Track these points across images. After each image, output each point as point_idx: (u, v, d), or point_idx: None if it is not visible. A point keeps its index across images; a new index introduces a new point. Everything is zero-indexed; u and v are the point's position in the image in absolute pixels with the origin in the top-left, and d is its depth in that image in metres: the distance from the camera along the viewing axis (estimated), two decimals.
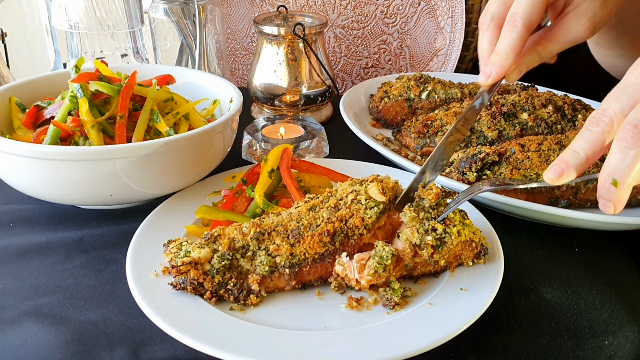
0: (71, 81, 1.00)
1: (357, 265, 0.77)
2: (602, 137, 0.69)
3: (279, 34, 1.36)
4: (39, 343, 0.73)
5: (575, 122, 1.19)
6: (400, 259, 0.79)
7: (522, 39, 0.85)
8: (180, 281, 0.77)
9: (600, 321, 0.81)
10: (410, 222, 0.80)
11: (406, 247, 0.78)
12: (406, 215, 0.80)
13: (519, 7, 0.85)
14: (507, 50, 0.85)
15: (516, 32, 0.85)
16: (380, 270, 0.76)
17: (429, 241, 0.78)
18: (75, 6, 1.29)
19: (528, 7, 0.84)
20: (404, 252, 0.78)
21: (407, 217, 0.80)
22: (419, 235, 0.79)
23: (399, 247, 0.79)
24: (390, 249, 0.77)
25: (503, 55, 0.86)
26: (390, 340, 0.70)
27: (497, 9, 0.88)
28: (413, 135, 1.21)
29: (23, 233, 0.96)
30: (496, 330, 0.78)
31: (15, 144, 0.88)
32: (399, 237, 0.80)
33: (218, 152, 1.04)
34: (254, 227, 0.80)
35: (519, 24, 0.85)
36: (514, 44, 0.85)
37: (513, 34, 0.85)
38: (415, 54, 1.70)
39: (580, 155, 0.70)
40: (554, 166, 0.71)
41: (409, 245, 0.78)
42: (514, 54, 0.86)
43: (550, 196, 1.02)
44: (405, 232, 0.79)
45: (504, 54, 0.86)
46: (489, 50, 0.89)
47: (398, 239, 0.80)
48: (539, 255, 0.94)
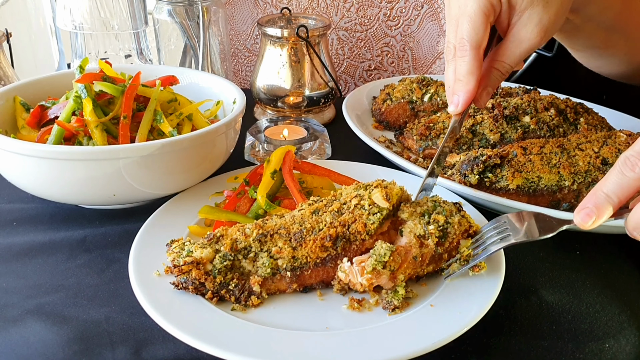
0: (75, 81, 1.00)
1: (358, 268, 0.77)
2: (636, 183, 0.67)
3: (282, 36, 1.37)
4: (42, 341, 0.73)
5: (577, 126, 1.19)
6: (408, 252, 0.79)
7: (475, 60, 0.86)
8: (182, 281, 0.77)
9: (601, 324, 0.81)
10: (410, 217, 0.81)
11: (412, 239, 0.79)
12: (404, 212, 0.82)
13: (463, 32, 0.86)
14: (466, 74, 0.86)
15: (468, 56, 0.86)
16: (379, 267, 0.76)
17: (432, 230, 0.79)
18: (79, 7, 1.29)
19: (471, 29, 0.86)
20: (410, 245, 0.79)
21: (406, 213, 0.81)
22: (421, 226, 0.80)
23: (403, 243, 0.79)
24: (388, 246, 0.77)
25: (464, 82, 0.86)
26: (392, 342, 0.70)
27: (453, 38, 0.89)
28: (415, 138, 1.22)
29: (26, 232, 0.96)
30: (497, 333, 0.78)
31: (20, 144, 0.88)
32: (401, 233, 0.81)
33: (221, 153, 1.04)
34: (256, 229, 0.80)
35: (467, 48, 0.86)
36: (469, 67, 0.86)
37: (466, 58, 0.86)
38: (418, 57, 1.70)
39: (614, 201, 0.68)
40: (585, 210, 0.69)
41: (414, 237, 0.79)
42: (474, 77, 0.86)
43: (552, 199, 1.02)
44: (408, 224, 0.80)
45: (465, 80, 0.86)
46: (453, 80, 0.89)
47: (402, 236, 0.81)
48: (540, 258, 0.94)
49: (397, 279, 0.78)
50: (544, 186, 1.00)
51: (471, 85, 0.86)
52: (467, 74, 0.86)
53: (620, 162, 0.68)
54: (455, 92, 0.88)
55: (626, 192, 0.68)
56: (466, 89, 0.86)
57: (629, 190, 0.67)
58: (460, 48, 0.87)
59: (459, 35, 0.87)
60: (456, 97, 0.88)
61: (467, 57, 0.86)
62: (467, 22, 0.86)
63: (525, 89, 1.39)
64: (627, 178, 0.67)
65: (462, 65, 0.86)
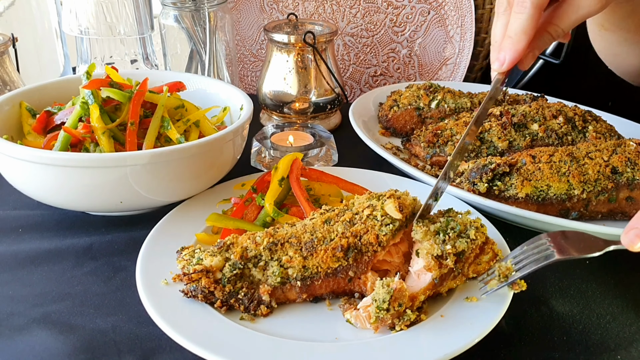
0: (82, 87, 1.00)
1: (365, 314, 0.75)
2: None
3: (289, 42, 1.36)
4: (48, 350, 0.73)
5: (586, 134, 1.19)
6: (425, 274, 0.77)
7: (532, 20, 0.81)
8: (192, 289, 0.76)
9: (612, 335, 0.80)
10: (424, 238, 0.78)
11: (430, 261, 0.77)
12: (417, 232, 0.79)
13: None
14: (519, 33, 0.81)
15: (526, 13, 0.80)
16: (382, 315, 0.73)
17: (449, 250, 0.77)
18: (85, 11, 1.29)
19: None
20: (429, 267, 0.77)
21: (420, 234, 0.79)
22: (438, 246, 0.77)
23: (421, 266, 0.77)
24: (387, 289, 0.74)
25: (515, 40, 0.82)
26: (402, 353, 0.70)
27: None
28: (423, 145, 1.21)
29: (32, 239, 0.96)
30: (507, 344, 0.77)
31: (26, 150, 0.88)
32: (418, 254, 0.78)
33: (228, 159, 1.04)
34: (267, 237, 0.79)
35: (528, 4, 0.80)
36: (524, 25, 0.81)
37: (523, 15, 0.81)
38: (424, 63, 1.69)
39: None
40: (634, 230, 0.68)
41: (432, 259, 0.77)
42: (526, 36, 0.81)
43: (561, 208, 1.01)
44: (425, 246, 0.78)
45: (516, 37, 0.82)
46: (501, 35, 0.84)
47: (418, 257, 0.78)
48: (550, 268, 0.92)
49: (418, 300, 0.76)
50: (553, 195, 1.00)
51: (522, 45, 0.81)
52: (520, 32, 0.81)
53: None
54: (502, 49, 0.83)
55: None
56: (515, 48, 0.82)
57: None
58: (520, 3, 0.81)
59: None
60: (503, 54, 0.83)
61: (524, 15, 0.80)
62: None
63: (532, 96, 1.38)
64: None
65: (517, 21, 0.81)
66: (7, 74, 1.30)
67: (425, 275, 0.77)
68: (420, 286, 0.77)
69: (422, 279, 0.77)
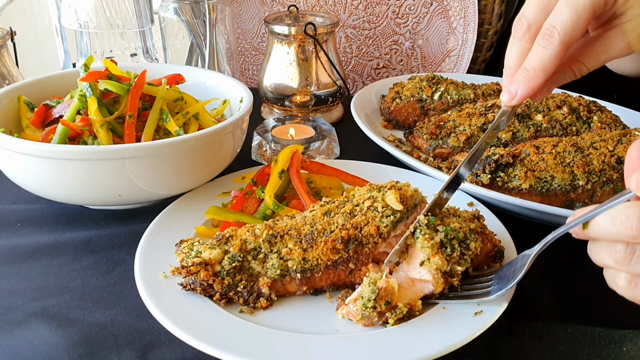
0: (80, 80, 0.99)
1: (355, 309, 0.73)
2: None
3: (289, 34, 1.35)
4: (46, 344, 0.72)
5: (591, 124, 1.17)
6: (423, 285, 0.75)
7: (557, 57, 0.73)
8: (190, 282, 0.76)
9: (618, 327, 0.79)
10: (427, 250, 0.75)
11: (439, 278, 0.74)
12: (424, 245, 0.75)
13: (558, 20, 0.72)
14: (538, 69, 0.73)
15: (552, 49, 0.72)
16: (369, 313, 0.72)
17: (459, 270, 0.74)
18: (85, 5, 1.28)
19: (570, 21, 0.71)
20: (437, 284, 0.74)
21: (427, 248, 0.75)
22: (447, 264, 0.74)
23: (427, 278, 0.75)
24: (372, 289, 0.72)
25: (532, 75, 0.74)
26: (403, 345, 0.69)
27: (536, 16, 0.75)
28: (425, 137, 1.20)
29: (31, 233, 0.95)
30: (511, 336, 0.76)
31: (24, 143, 0.87)
32: (422, 264, 0.75)
33: (228, 152, 1.03)
34: (266, 229, 0.78)
35: (556, 41, 0.72)
36: (546, 62, 0.73)
37: (548, 51, 0.73)
38: (427, 55, 1.68)
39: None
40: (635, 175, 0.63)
41: (441, 276, 0.74)
42: (545, 73, 0.74)
43: (565, 199, 1.00)
44: (435, 261, 0.74)
45: (533, 72, 0.74)
46: (516, 63, 0.76)
47: (421, 267, 0.75)
48: (555, 259, 0.92)
49: (417, 306, 0.74)
50: (558, 186, 0.98)
51: (538, 82, 0.74)
52: (539, 68, 0.73)
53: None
54: (516, 81, 0.75)
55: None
56: (530, 85, 0.74)
57: None
58: (546, 36, 0.73)
59: (551, 20, 0.72)
60: (515, 87, 0.75)
61: (548, 51, 0.72)
62: (569, 11, 0.71)
63: None
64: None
65: (538, 55, 0.73)
66: (5, 68, 1.29)
67: (423, 285, 0.76)
68: (416, 293, 0.75)
69: (419, 286, 0.76)
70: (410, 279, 0.76)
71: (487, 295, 0.74)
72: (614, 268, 0.67)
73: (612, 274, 0.68)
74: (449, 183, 0.79)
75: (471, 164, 0.79)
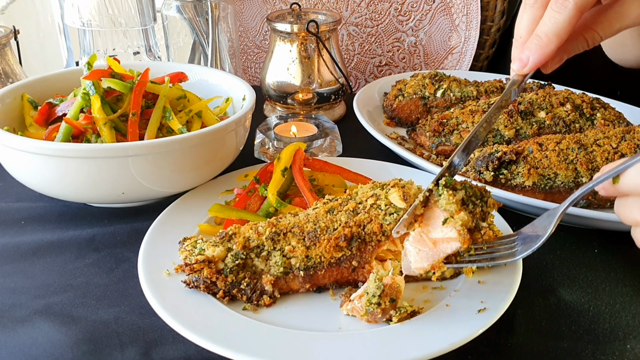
0: (83, 78, 0.99)
1: (359, 305, 0.74)
2: None
3: (292, 32, 1.35)
4: (50, 342, 0.72)
5: (594, 121, 1.17)
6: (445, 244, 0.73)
7: (570, 23, 0.71)
8: (194, 279, 0.76)
9: (622, 324, 0.79)
10: (457, 207, 0.72)
11: (465, 235, 0.72)
12: (449, 201, 0.72)
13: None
14: (550, 35, 0.71)
15: (565, 14, 0.70)
16: (373, 309, 0.72)
17: (485, 226, 0.73)
18: (87, 4, 1.28)
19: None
20: (464, 240, 0.72)
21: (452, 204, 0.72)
22: (472, 219, 0.72)
23: (451, 235, 0.72)
24: (378, 285, 0.72)
25: (545, 41, 0.72)
26: (407, 343, 0.69)
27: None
28: (428, 134, 1.20)
29: (34, 231, 0.95)
30: (514, 333, 0.76)
31: (27, 141, 0.87)
32: (446, 222, 0.72)
33: (231, 150, 1.03)
34: (269, 227, 0.78)
35: (570, 5, 0.70)
36: (560, 28, 0.71)
37: (561, 16, 0.70)
38: (429, 52, 1.68)
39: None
40: None
41: (467, 232, 0.72)
42: (558, 40, 0.71)
43: (568, 196, 0.99)
44: (461, 217, 0.72)
45: (546, 39, 0.71)
46: (527, 31, 0.74)
47: (444, 226, 0.72)
48: (558, 257, 0.92)
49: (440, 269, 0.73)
50: (561, 183, 0.98)
51: (551, 48, 0.71)
52: (552, 34, 0.71)
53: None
54: (528, 48, 0.73)
55: None
56: (543, 51, 0.72)
57: None
58: (560, 1, 0.71)
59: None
60: (527, 54, 0.73)
61: (562, 15, 0.70)
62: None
63: (539, 83, 1.37)
64: None
65: (551, 20, 0.71)
66: (9, 66, 1.29)
67: (446, 245, 0.73)
68: (439, 255, 0.74)
69: (442, 247, 0.74)
70: (432, 240, 0.74)
71: (512, 256, 0.73)
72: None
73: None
74: (463, 147, 0.76)
75: (484, 132, 0.77)
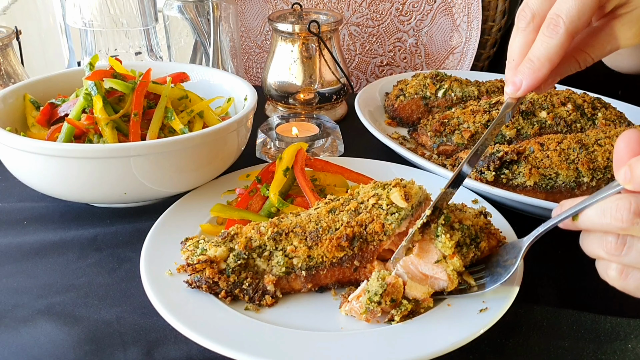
0: (85, 78, 0.99)
1: (357, 305, 0.74)
2: None
3: (293, 32, 1.35)
4: (53, 342, 0.73)
5: (595, 121, 1.17)
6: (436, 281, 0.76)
7: (562, 47, 0.71)
8: (196, 279, 0.76)
9: (623, 323, 0.79)
10: (451, 250, 0.75)
11: (455, 279, 0.74)
12: (445, 244, 0.74)
13: (564, 8, 0.71)
14: (543, 59, 0.72)
15: (557, 38, 0.71)
16: (373, 307, 0.72)
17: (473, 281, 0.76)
18: (89, 4, 1.28)
19: (575, 9, 0.70)
20: (452, 283, 0.75)
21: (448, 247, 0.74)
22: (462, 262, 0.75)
23: (437, 274, 0.75)
24: (381, 284, 0.72)
25: (537, 65, 0.73)
26: (408, 343, 0.69)
27: (540, 6, 0.74)
28: (429, 134, 1.20)
29: (37, 231, 0.95)
30: (516, 333, 0.76)
31: (30, 142, 0.87)
32: (438, 263, 0.75)
33: (232, 150, 1.03)
34: (271, 227, 0.78)
35: (561, 30, 0.71)
36: (551, 52, 0.72)
37: (553, 40, 0.71)
38: (430, 52, 1.68)
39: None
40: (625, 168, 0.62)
41: (456, 277, 0.75)
42: (551, 64, 0.72)
43: (570, 196, 0.99)
44: (453, 262, 0.74)
45: (539, 63, 0.72)
46: (520, 54, 0.75)
47: (436, 265, 0.75)
48: (559, 256, 0.92)
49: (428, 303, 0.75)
50: (562, 183, 0.98)
51: (544, 72, 0.72)
52: (544, 58, 0.72)
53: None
54: (521, 72, 0.74)
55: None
56: (535, 75, 0.73)
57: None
58: (551, 25, 0.71)
59: (556, 10, 0.71)
60: (520, 79, 0.74)
61: (553, 40, 0.71)
62: (574, 1, 0.70)
63: None
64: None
65: (543, 45, 0.72)
66: (11, 67, 1.29)
67: (435, 281, 0.75)
68: (427, 289, 0.75)
69: (431, 282, 0.76)
70: (422, 274, 0.76)
71: (482, 287, 0.75)
72: (605, 259, 0.67)
73: (604, 265, 0.68)
74: (454, 179, 0.78)
75: (476, 159, 0.78)
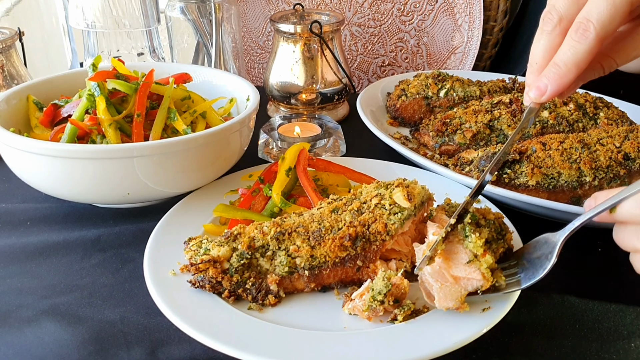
0: (89, 79, 0.99)
1: (360, 303, 0.74)
2: None
3: (295, 32, 1.35)
4: (57, 342, 0.73)
5: (597, 120, 1.17)
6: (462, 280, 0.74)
7: (591, 53, 0.69)
8: (199, 279, 0.76)
9: (626, 323, 0.79)
10: (480, 250, 0.73)
11: (488, 274, 0.72)
12: (476, 244, 0.73)
13: (594, 13, 0.68)
14: (570, 64, 0.69)
15: (586, 44, 0.68)
16: (376, 306, 0.72)
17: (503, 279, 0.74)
18: (92, 5, 1.29)
19: (607, 14, 0.67)
20: (487, 281, 0.72)
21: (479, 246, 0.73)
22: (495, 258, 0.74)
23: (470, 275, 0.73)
24: (385, 283, 0.72)
25: (564, 71, 0.70)
26: (411, 342, 0.69)
27: (568, 9, 0.71)
28: (431, 134, 1.20)
29: (40, 232, 0.96)
30: (519, 332, 0.77)
31: (33, 142, 0.88)
32: (470, 263, 0.73)
33: (235, 150, 1.03)
34: (274, 227, 0.79)
35: (591, 35, 0.68)
36: (580, 58, 0.69)
37: (582, 46, 0.68)
38: (432, 52, 1.68)
39: None
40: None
41: (489, 275, 0.72)
42: (578, 70, 0.69)
43: (572, 195, 1.00)
44: (486, 260, 0.72)
45: (565, 69, 0.70)
46: (544, 58, 0.72)
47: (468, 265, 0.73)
48: (562, 256, 0.91)
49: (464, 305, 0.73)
50: (564, 182, 0.98)
51: (570, 77, 0.70)
52: (571, 64, 0.69)
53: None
54: (546, 76, 0.71)
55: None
56: (562, 80, 0.70)
57: None
58: (580, 29, 0.68)
59: (586, 14, 0.68)
60: (545, 83, 0.71)
61: (583, 46, 0.68)
62: (606, 4, 0.67)
63: None
64: None
65: (571, 50, 0.69)
66: (14, 68, 1.30)
67: (468, 282, 0.73)
68: (460, 291, 0.73)
69: (463, 284, 0.73)
70: (453, 277, 0.73)
71: (518, 284, 0.74)
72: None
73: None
74: (476, 188, 0.76)
75: (496, 167, 0.78)
